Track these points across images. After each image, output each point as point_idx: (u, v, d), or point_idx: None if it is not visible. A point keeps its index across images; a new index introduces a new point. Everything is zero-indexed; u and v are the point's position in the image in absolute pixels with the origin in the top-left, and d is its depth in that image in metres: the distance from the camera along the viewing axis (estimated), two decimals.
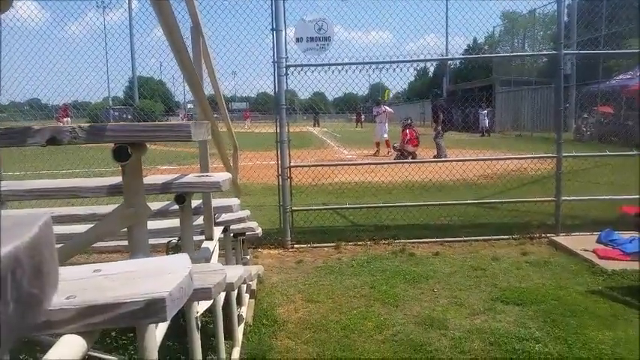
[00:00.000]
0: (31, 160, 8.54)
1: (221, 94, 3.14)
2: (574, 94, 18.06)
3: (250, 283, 4.19)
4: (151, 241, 3.24)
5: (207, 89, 3.18)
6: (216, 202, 2.79)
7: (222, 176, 2.07)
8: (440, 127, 12.45)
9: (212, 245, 2.34)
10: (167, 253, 2.71)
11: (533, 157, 6.70)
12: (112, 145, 1.32)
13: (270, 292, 4.37)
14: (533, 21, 23.71)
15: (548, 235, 5.73)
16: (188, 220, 2.06)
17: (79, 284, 0.99)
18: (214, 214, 2.85)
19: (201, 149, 2.37)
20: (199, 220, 2.73)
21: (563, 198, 5.87)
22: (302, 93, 7.30)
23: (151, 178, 2.03)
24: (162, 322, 0.89)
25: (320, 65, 5.94)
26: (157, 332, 1.43)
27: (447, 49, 7.24)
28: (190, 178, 2.02)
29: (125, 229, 1.45)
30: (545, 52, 8.79)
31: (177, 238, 3.01)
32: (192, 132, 1.25)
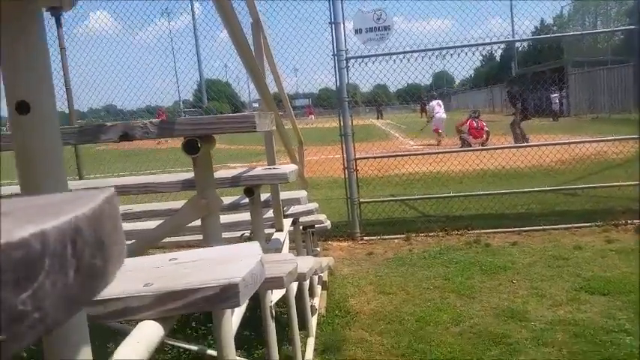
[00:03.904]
0: (108, 163, 9.02)
1: (284, 89, 3.16)
2: None
3: (321, 274, 4.21)
4: (225, 235, 3.34)
5: (271, 86, 3.22)
6: (284, 194, 2.81)
7: (288, 168, 2.08)
8: (518, 116, 11.78)
9: (282, 236, 2.36)
10: None
11: (614, 140, 6.23)
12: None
13: (342, 283, 4.37)
14: None
15: (634, 221, 5.32)
16: (258, 211, 2.08)
17: (156, 272, 1.01)
18: (283, 207, 2.88)
19: (267, 143, 2.39)
20: (270, 214, 2.77)
21: None
22: (364, 86, 7.21)
23: (221, 173, 2.07)
24: (236, 307, 0.89)
25: (381, 55, 5.84)
26: (233, 319, 1.45)
27: (513, 31, 6.87)
28: (258, 171, 2.04)
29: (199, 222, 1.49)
30: (621, 28, 8.12)
31: (250, 231, 3.08)
32: (256, 122, 1.25)
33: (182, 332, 3.39)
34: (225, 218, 3.04)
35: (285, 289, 2.13)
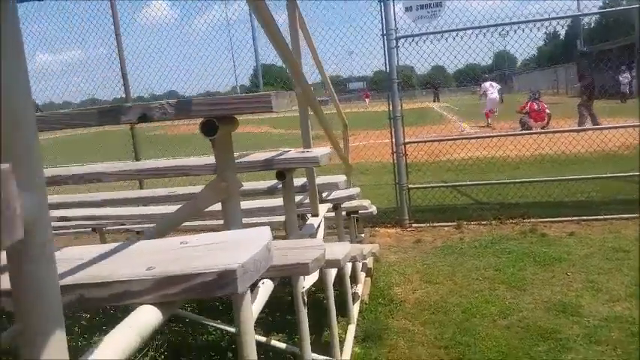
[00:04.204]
0: (163, 146, 9.20)
1: (324, 69, 3.09)
2: None
3: (366, 261, 4.15)
4: (266, 219, 3.34)
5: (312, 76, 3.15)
6: (322, 179, 2.76)
7: (321, 151, 2.02)
8: (586, 96, 10.86)
9: (317, 221, 2.31)
10: (286, 232, 2.74)
11: None
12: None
13: (387, 271, 4.29)
14: None
15: None
16: (290, 196, 2.04)
17: (162, 256, 0.99)
18: (322, 192, 2.83)
19: (303, 125, 2.34)
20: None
21: None
22: (420, 67, 6.91)
23: (254, 156, 2.05)
24: (234, 293, 0.85)
25: (432, 33, 5.61)
26: (255, 306, 1.43)
27: (578, 5, 6.38)
28: (290, 154, 2.00)
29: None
30: None
31: (299, 214, 3.05)
32: (272, 102, 1.20)
33: (227, 314, 3.45)
34: (265, 202, 3.04)
35: (317, 276, 2.08)
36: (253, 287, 1.51)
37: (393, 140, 5.77)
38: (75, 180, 1.96)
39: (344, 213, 3.86)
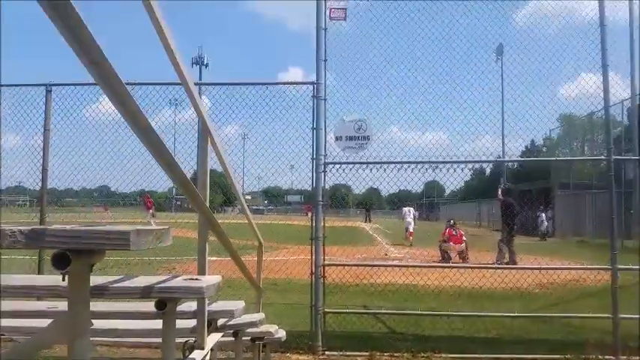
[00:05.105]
0: None
1: (238, 188, 3.10)
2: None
3: None
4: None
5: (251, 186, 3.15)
6: (218, 305, 2.63)
7: (210, 280, 1.94)
8: (508, 232, 11.28)
9: (201, 355, 2.15)
10: (183, 355, 2.53)
11: (585, 269, 6.12)
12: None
13: None
14: (592, 124, 23.01)
15: (606, 357, 5.06)
16: (170, 328, 1.90)
17: None
18: (217, 319, 2.68)
19: (199, 246, 2.26)
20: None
21: (622, 315, 5.20)
22: (355, 188, 7.13)
23: (136, 280, 1.92)
24: None
25: (359, 163, 5.89)
26: None
27: (503, 150, 7.05)
28: (174, 281, 1.90)
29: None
30: (595, 158, 8.35)
31: (194, 339, 2.84)
32: (131, 241, 1.14)
33: None
34: (157, 323, 2.83)
35: None
36: None
37: (313, 260, 5.74)
38: None
39: (249, 338, 3.66)
